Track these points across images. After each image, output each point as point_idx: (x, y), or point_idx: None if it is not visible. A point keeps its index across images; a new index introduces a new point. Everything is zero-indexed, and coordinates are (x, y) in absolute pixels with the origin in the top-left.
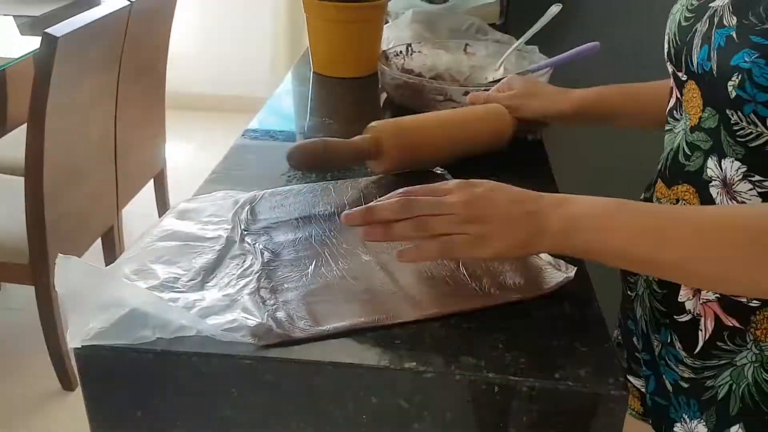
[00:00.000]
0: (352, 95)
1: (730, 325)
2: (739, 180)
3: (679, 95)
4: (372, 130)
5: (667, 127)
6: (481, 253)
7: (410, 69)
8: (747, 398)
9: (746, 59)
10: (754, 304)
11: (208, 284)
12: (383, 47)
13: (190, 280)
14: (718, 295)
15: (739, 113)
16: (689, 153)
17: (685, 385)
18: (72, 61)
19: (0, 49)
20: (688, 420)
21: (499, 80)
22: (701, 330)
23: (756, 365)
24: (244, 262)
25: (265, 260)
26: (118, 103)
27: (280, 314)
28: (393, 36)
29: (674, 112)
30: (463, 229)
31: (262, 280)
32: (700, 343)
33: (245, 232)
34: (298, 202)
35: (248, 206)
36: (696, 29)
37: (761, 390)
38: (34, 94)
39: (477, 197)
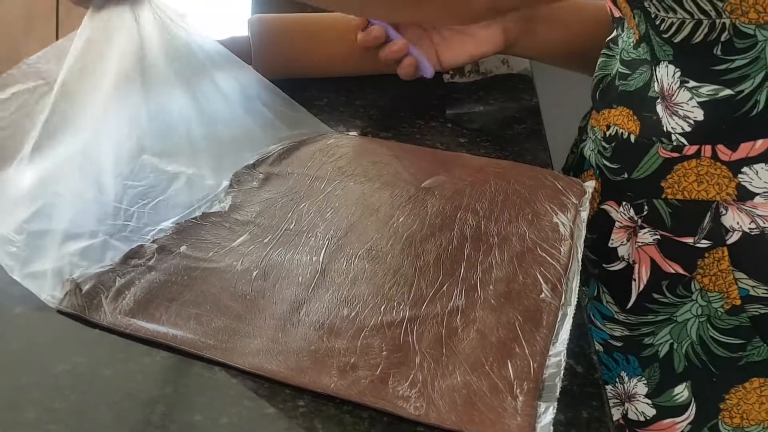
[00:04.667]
0: None
1: (672, 272)
2: (677, 88)
3: (619, 13)
4: (249, 24)
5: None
6: None
7: None
8: (693, 357)
9: None
10: (702, 245)
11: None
12: None
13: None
14: (657, 237)
15: (654, 1)
16: (628, 72)
17: (618, 344)
18: None
19: None
20: (626, 379)
21: None
22: (635, 280)
23: (702, 320)
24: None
25: (207, 213)
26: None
27: (119, 282)
28: None
29: (618, 38)
30: None
31: (170, 234)
32: (633, 296)
33: (254, 170)
34: (363, 162)
35: (304, 144)
36: None
37: (708, 350)
38: None
39: None
